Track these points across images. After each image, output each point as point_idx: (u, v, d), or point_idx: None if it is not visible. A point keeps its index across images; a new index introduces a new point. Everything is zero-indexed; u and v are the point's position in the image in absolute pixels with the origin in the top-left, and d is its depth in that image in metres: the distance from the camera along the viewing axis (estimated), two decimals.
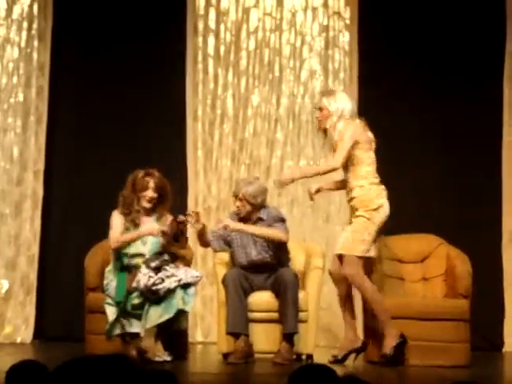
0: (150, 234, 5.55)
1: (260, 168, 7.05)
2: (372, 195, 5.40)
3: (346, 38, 7.06)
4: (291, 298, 5.51)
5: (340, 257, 5.48)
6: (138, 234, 5.56)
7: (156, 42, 6.93)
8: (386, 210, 5.43)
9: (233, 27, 7.09)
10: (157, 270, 5.39)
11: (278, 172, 7.04)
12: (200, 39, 7.07)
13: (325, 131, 5.56)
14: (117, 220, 5.59)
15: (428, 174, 6.82)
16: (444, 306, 5.65)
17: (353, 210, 5.48)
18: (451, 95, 6.90)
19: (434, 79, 6.92)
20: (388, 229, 6.27)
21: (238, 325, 5.52)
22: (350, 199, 5.49)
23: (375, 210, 5.39)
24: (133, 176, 5.62)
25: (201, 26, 7.07)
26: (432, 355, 5.46)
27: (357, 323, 5.65)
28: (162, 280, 5.35)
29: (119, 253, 5.57)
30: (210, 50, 7.08)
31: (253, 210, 5.67)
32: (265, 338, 5.63)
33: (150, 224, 5.58)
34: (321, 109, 5.54)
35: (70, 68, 6.95)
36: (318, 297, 5.76)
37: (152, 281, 5.33)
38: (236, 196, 5.69)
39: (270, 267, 5.69)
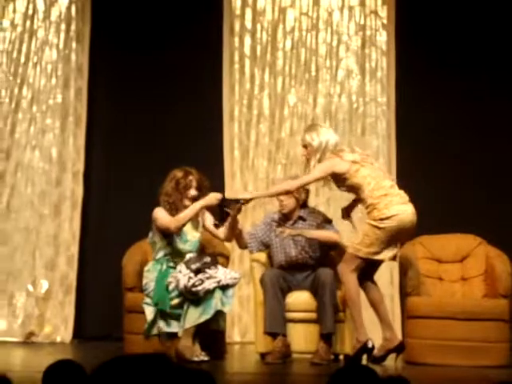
0: (206, 203, 5.53)
1: (297, 168, 7.05)
2: (380, 208, 5.37)
3: (383, 38, 7.03)
4: (329, 298, 5.50)
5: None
6: (194, 208, 5.53)
7: (193, 43, 6.96)
8: (402, 217, 5.37)
9: (269, 27, 7.09)
10: (197, 271, 5.40)
11: None
12: (236, 39, 7.08)
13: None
14: (164, 213, 5.59)
15: (468, 173, 6.77)
16: (484, 306, 5.61)
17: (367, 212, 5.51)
18: (489, 96, 6.84)
19: (471, 79, 6.86)
20: (427, 228, 6.25)
21: (276, 325, 5.52)
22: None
23: (388, 218, 5.35)
24: (173, 175, 5.63)
25: (237, 26, 7.08)
26: (472, 355, 5.42)
27: (393, 323, 5.62)
28: (202, 281, 5.37)
29: (170, 249, 5.57)
30: (247, 50, 7.09)
31: (296, 206, 5.69)
32: (303, 338, 5.62)
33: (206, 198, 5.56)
34: (305, 146, 5.55)
35: (108, 69, 7.00)
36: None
37: (192, 282, 5.35)
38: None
39: (309, 267, 5.69)
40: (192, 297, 5.37)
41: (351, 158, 5.48)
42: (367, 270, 5.50)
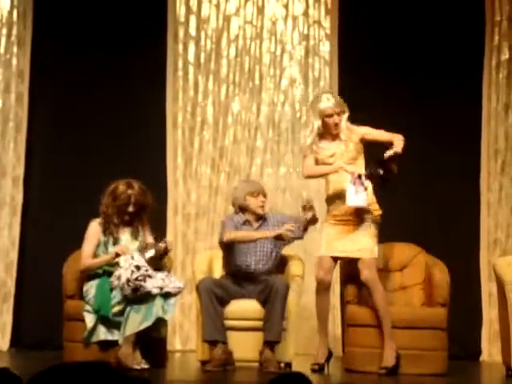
0: (120, 253, 5.52)
1: (240, 175, 7.06)
2: (374, 199, 5.54)
3: (326, 47, 7.09)
4: (280, 307, 5.51)
5: (349, 261, 5.54)
6: (107, 259, 5.54)
7: (136, 49, 6.93)
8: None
9: (213, 35, 7.10)
10: (138, 267, 5.37)
11: (258, 179, 7.04)
12: (180, 46, 7.08)
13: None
14: (94, 232, 5.57)
15: (407, 184, 6.84)
16: (422, 315, 5.67)
17: (364, 212, 5.52)
18: (431, 106, 6.94)
19: (413, 88, 6.96)
20: None
21: (214, 332, 5.51)
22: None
23: (380, 215, 5.55)
24: (114, 188, 5.60)
25: (181, 33, 7.07)
26: (410, 363, 5.48)
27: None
28: (144, 278, 5.33)
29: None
30: (191, 57, 7.09)
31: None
32: (246, 346, 5.62)
33: (119, 246, 5.55)
34: (340, 113, 5.63)
35: (49, 75, 6.93)
36: (297, 305, 5.76)
37: (135, 276, 5.32)
38: (260, 193, 5.76)
39: (261, 277, 5.69)
40: (133, 294, 5.31)
41: None
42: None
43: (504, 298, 5.64)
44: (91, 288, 5.49)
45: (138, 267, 5.34)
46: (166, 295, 5.40)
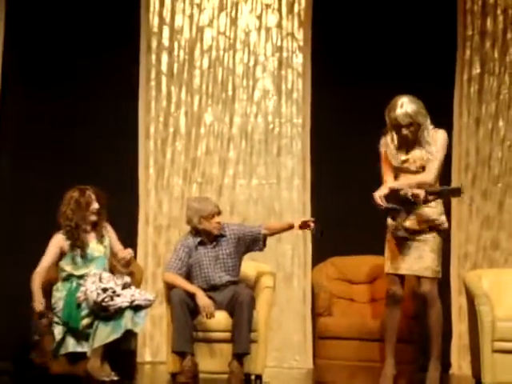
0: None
1: (212, 186, 7.05)
2: (443, 210, 5.32)
3: (299, 59, 7.10)
4: (246, 319, 5.49)
5: (400, 277, 5.29)
6: (37, 295, 5.48)
7: (109, 59, 6.90)
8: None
9: (186, 45, 7.09)
10: (105, 290, 5.33)
11: (230, 191, 7.04)
12: (153, 57, 7.06)
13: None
14: (56, 245, 5.55)
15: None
16: None
17: (429, 222, 5.27)
18: None
19: (386, 101, 6.97)
20: (340, 249, 6.31)
21: (184, 344, 5.48)
22: (422, 209, 5.26)
23: (446, 228, 5.31)
24: (70, 197, 5.58)
25: (154, 43, 7.06)
26: (379, 376, 5.46)
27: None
28: (111, 298, 5.31)
29: (67, 274, 5.52)
30: (164, 67, 7.07)
31: None
32: (213, 358, 5.60)
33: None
34: (411, 124, 5.25)
35: (19, 80, 6.86)
36: (268, 317, 5.74)
37: (101, 298, 5.29)
38: (214, 215, 5.67)
39: (228, 287, 5.67)
40: (103, 313, 5.30)
41: None
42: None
43: (474, 311, 5.66)
44: (59, 300, 5.45)
45: (104, 289, 5.31)
46: (137, 308, 5.37)
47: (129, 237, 6.18)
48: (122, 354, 5.44)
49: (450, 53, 6.99)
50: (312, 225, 5.58)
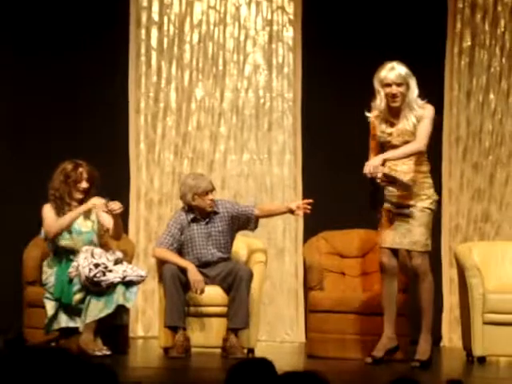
0: (92, 207, 5.48)
1: (203, 162, 7.04)
2: (431, 184, 5.27)
3: (289, 33, 7.07)
4: (245, 294, 5.53)
5: (392, 249, 5.27)
6: (78, 211, 5.49)
7: (98, 34, 6.86)
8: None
9: (176, 20, 7.04)
10: (97, 265, 5.33)
11: (221, 166, 7.03)
12: (143, 31, 7.02)
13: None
14: (50, 212, 5.53)
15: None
16: None
17: (414, 196, 5.21)
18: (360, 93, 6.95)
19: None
20: (330, 223, 6.32)
21: (176, 319, 5.50)
22: (412, 182, 5.22)
23: (436, 199, 5.27)
24: (62, 168, 5.57)
25: (144, 18, 7.01)
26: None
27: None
28: (103, 273, 5.31)
29: (55, 246, 5.51)
30: (153, 42, 7.03)
31: None
32: (206, 333, 5.62)
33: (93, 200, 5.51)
34: (401, 84, 5.22)
35: (8, 57, 6.82)
36: (260, 291, 5.77)
37: (93, 273, 5.29)
38: (208, 192, 5.66)
39: (221, 263, 5.67)
40: (95, 288, 5.31)
41: None
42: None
43: (464, 284, 5.69)
44: (51, 276, 5.45)
45: (96, 265, 5.31)
46: (129, 283, 5.38)
47: (120, 213, 6.15)
48: (114, 328, 5.46)
49: (441, 25, 6.96)
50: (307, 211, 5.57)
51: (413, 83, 5.25)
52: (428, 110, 5.28)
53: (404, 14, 6.94)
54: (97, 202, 5.51)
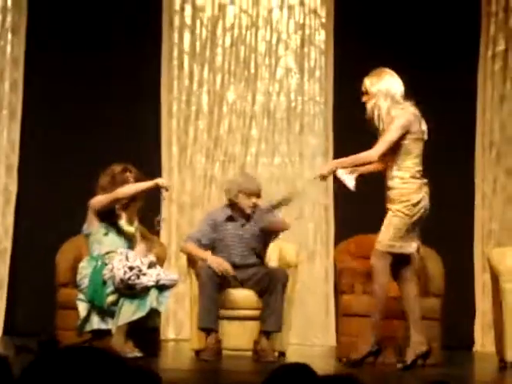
0: (154, 186, 5.54)
1: (235, 165, 7.05)
2: (412, 189, 5.20)
3: (321, 37, 7.07)
4: (280, 297, 5.52)
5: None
6: (140, 186, 5.53)
7: (132, 38, 6.90)
8: (424, 204, 5.22)
9: (209, 23, 7.07)
10: (131, 268, 5.35)
11: (253, 169, 7.04)
12: (176, 35, 7.05)
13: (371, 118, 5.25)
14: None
15: None
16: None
17: (390, 201, 5.25)
18: (426, 97, 6.90)
19: (408, 78, 6.92)
20: (360, 227, 6.30)
21: (210, 320, 5.50)
22: (389, 189, 5.25)
23: (414, 205, 5.19)
24: (111, 170, 5.58)
25: (176, 21, 7.04)
26: (403, 354, 5.46)
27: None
28: (138, 276, 5.33)
29: (94, 250, 5.53)
30: (186, 46, 7.06)
31: None
32: (236, 335, 5.62)
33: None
34: (365, 92, 5.25)
35: (44, 62, 6.90)
36: (291, 295, 5.76)
37: (128, 275, 5.31)
38: (253, 195, 5.64)
39: (253, 266, 5.67)
40: (128, 291, 5.33)
41: (424, 126, 5.25)
42: (400, 264, 5.27)
43: (497, 288, 5.64)
44: (85, 277, 5.48)
45: (131, 268, 5.33)
46: (162, 287, 5.39)
47: (152, 216, 6.18)
48: (146, 331, 5.47)
49: (474, 29, 6.93)
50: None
51: (380, 97, 5.23)
52: (399, 115, 5.21)
53: (437, 17, 6.92)
54: (161, 181, 5.56)
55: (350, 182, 5.30)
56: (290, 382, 2.43)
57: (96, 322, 5.43)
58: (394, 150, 5.20)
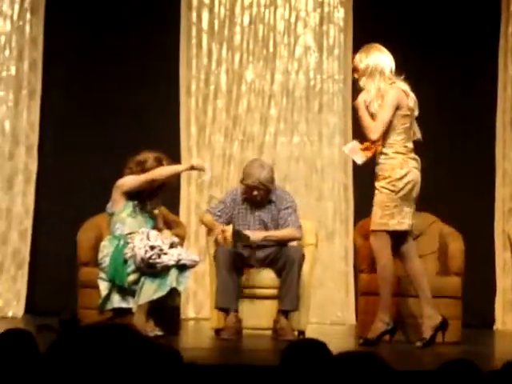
0: (190, 169, 5.61)
1: (254, 144, 7.03)
2: (395, 165, 5.16)
3: (340, 14, 7.02)
4: (296, 276, 5.50)
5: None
6: (176, 169, 5.62)
7: (150, 17, 6.88)
8: (411, 178, 5.18)
9: (227, 2, 7.03)
10: (152, 247, 5.36)
11: (271, 148, 7.03)
12: (194, 14, 7.02)
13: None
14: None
15: (422, 151, 6.79)
16: (437, 284, 5.64)
17: (376, 178, 5.23)
18: (446, 74, 6.87)
19: (428, 56, 6.89)
20: None
21: (228, 300, 5.51)
22: (376, 164, 5.24)
23: (399, 179, 5.14)
24: (143, 160, 5.54)
25: (195, 0, 7.01)
26: (421, 331, 5.45)
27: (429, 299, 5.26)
28: (159, 256, 5.35)
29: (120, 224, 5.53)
30: (204, 24, 7.04)
31: (269, 193, 5.62)
32: (258, 315, 5.63)
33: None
34: (356, 68, 5.24)
35: (63, 42, 6.89)
36: (310, 274, 5.75)
37: (149, 255, 5.33)
38: (254, 187, 5.55)
39: (270, 245, 5.67)
40: (149, 270, 5.34)
41: (411, 96, 5.21)
42: (399, 242, 5.26)
43: None
44: (106, 256, 5.50)
45: (152, 247, 5.34)
46: (182, 267, 5.40)
47: (171, 195, 6.19)
48: (166, 310, 5.49)
49: (495, 6, 6.86)
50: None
51: (365, 72, 5.21)
52: (389, 93, 5.19)
53: None
54: (196, 162, 5.60)
55: (357, 158, 5.28)
56: (305, 359, 2.45)
57: (117, 301, 5.46)
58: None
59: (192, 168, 5.61)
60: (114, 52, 6.88)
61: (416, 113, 5.28)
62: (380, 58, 5.23)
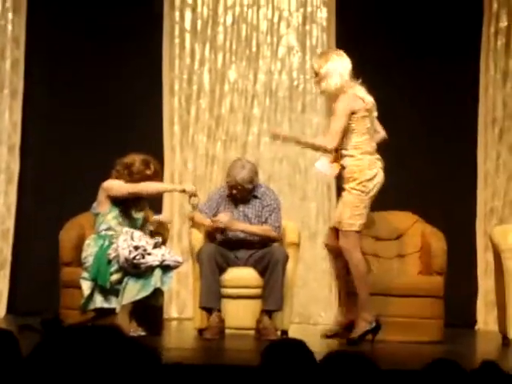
0: (181, 191, 5.67)
1: (236, 144, 7.03)
2: (364, 166, 5.21)
3: (323, 14, 7.03)
4: (281, 276, 5.52)
5: (336, 229, 5.34)
6: (165, 187, 5.81)
7: (133, 16, 6.87)
8: (379, 180, 5.24)
9: (210, 2, 7.03)
10: (136, 248, 5.36)
11: (255, 148, 7.03)
12: (177, 13, 7.01)
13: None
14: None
15: (404, 151, 6.83)
16: (418, 283, 5.68)
17: (344, 179, 5.28)
18: (428, 74, 6.90)
19: (410, 56, 6.91)
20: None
21: (211, 300, 5.51)
22: (342, 168, 5.27)
23: (369, 180, 5.20)
24: (131, 163, 5.53)
25: (178, 0, 7.00)
26: (407, 331, 5.49)
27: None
28: (143, 256, 5.34)
29: (107, 227, 5.52)
30: (187, 24, 7.03)
31: (249, 192, 5.67)
32: (240, 314, 5.63)
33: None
34: (315, 73, 5.33)
35: (45, 41, 6.87)
36: (293, 273, 5.76)
37: (133, 255, 5.32)
38: (232, 186, 5.62)
39: (254, 244, 5.68)
40: (133, 270, 5.34)
41: (367, 99, 5.27)
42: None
43: (500, 266, 5.65)
44: (90, 256, 5.48)
45: (136, 247, 5.34)
46: (166, 268, 5.40)
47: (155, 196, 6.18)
48: (149, 309, 5.48)
49: (477, 6, 6.89)
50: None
51: (327, 75, 5.28)
52: (340, 99, 5.25)
53: None
54: (189, 187, 5.61)
55: (331, 172, 5.32)
56: (285, 358, 2.45)
57: (99, 301, 5.45)
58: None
59: (183, 192, 5.62)
60: (96, 51, 6.86)
61: (375, 114, 5.32)
62: (339, 62, 5.30)
